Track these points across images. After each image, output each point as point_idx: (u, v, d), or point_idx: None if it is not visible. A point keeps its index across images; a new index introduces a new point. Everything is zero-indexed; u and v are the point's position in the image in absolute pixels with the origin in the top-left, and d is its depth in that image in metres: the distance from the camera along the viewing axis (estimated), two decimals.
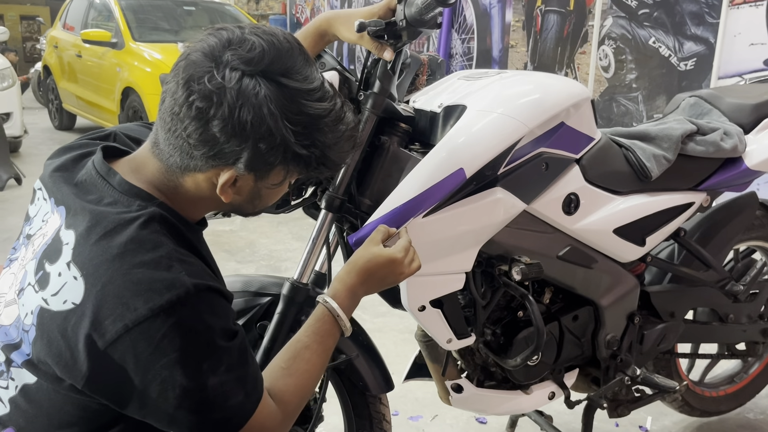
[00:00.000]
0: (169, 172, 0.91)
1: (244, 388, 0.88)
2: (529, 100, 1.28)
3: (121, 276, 0.82)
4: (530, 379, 1.50)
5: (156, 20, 6.22)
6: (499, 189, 1.25)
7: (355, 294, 1.07)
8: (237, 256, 3.61)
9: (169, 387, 0.82)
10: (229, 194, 0.91)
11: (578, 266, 1.44)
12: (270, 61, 0.85)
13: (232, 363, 0.87)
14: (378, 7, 1.24)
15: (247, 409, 0.89)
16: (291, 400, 0.96)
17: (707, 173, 1.59)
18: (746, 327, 1.84)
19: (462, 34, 5.93)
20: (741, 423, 2.12)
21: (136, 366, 0.82)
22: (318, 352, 1.00)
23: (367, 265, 1.07)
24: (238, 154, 0.86)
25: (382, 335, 2.60)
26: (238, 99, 0.83)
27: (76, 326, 0.82)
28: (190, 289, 0.83)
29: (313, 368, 0.99)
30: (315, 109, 0.87)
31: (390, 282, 1.10)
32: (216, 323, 0.86)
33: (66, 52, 6.79)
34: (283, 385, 0.96)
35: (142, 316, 0.80)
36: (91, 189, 0.90)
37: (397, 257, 1.08)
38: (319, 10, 8.27)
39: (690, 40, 4.12)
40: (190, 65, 0.85)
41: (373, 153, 1.28)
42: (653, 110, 4.41)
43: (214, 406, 0.86)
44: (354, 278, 1.07)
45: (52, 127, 7.61)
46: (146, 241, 0.85)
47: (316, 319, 1.03)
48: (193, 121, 0.84)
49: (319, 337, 1.01)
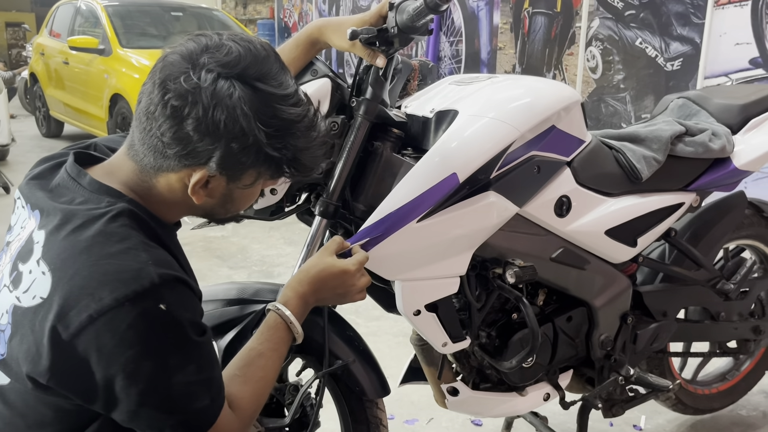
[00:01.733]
0: (143, 172, 0.92)
1: (209, 392, 0.88)
2: (520, 105, 1.29)
3: (87, 268, 0.82)
4: (525, 381, 1.51)
5: (144, 26, 6.20)
6: (492, 193, 1.26)
7: (306, 302, 1.08)
8: (229, 261, 3.60)
9: (133, 382, 0.82)
10: (200, 195, 0.92)
11: (571, 268, 1.45)
12: (246, 66, 0.87)
13: (201, 364, 0.87)
14: (369, 14, 1.24)
15: (210, 414, 0.89)
16: (247, 407, 0.97)
17: (696, 174, 1.61)
18: (737, 325, 1.86)
19: (450, 36, 5.95)
20: (734, 420, 2.14)
21: (100, 358, 0.81)
22: (272, 359, 1.02)
23: (319, 275, 1.09)
24: (210, 153, 0.87)
25: (377, 339, 2.60)
26: (213, 99, 0.84)
27: (43, 320, 0.82)
28: (155, 279, 0.83)
29: (267, 374, 1.01)
30: (288, 114, 0.89)
31: (340, 294, 1.11)
32: (183, 316, 0.85)
33: (53, 59, 6.76)
34: (239, 392, 0.97)
35: (106, 306, 0.80)
36: (64, 192, 0.91)
37: (349, 269, 1.09)
38: (307, 15, 8.27)
39: (676, 40, 4.16)
40: (167, 66, 0.87)
41: (366, 159, 1.28)
42: (641, 110, 4.45)
43: (178, 406, 0.85)
44: (305, 287, 1.08)
45: (40, 134, 7.56)
46: (114, 233, 0.85)
47: (269, 327, 1.04)
48: (168, 119, 0.85)
49: (273, 344, 1.02)
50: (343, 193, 1.26)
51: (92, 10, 6.26)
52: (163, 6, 6.71)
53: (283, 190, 1.28)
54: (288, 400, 1.35)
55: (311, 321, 1.29)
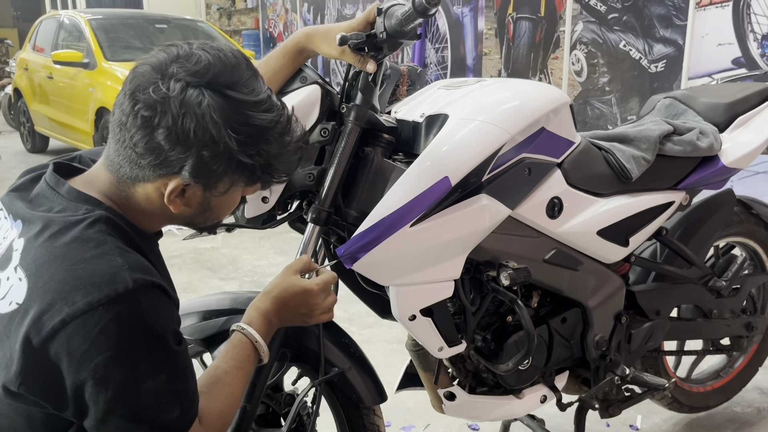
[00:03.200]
0: (121, 182, 0.92)
1: (181, 404, 0.88)
2: (509, 107, 1.30)
3: (62, 272, 0.82)
4: (522, 384, 1.51)
5: (128, 39, 6.17)
6: (484, 196, 1.26)
7: (269, 321, 1.08)
8: (220, 273, 3.58)
9: (102, 388, 0.81)
10: (177, 204, 0.92)
11: (564, 269, 1.46)
12: (215, 74, 0.87)
13: (174, 374, 0.86)
14: (356, 21, 1.24)
15: (179, 427, 0.88)
16: (215, 422, 0.97)
17: (685, 172, 1.62)
18: (730, 322, 1.87)
19: (436, 43, 5.98)
20: (729, 417, 2.15)
21: (70, 363, 0.80)
22: (238, 377, 1.02)
23: (282, 294, 1.08)
24: (182, 161, 0.87)
25: (371, 346, 2.59)
26: (182, 108, 0.85)
27: (18, 325, 0.82)
28: (129, 284, 0.82)
29: (234, 391, 1.01)
30: (260, 120, 0.89)
31: (303, 313, 1.10)
32: (157, 322, 0.85)
33: (37, 74, 6.71)
34: (206, 407, 0.96)
35: (79, 310, 0.80)
36: (43, 201, 0.92)
37: (312, 289, 1.09)
38: (292, 25, 8.28)
39: (659, 42, 4.20)
40: (137, 77, 0.88)
41: (357, 164, 1.28)
42: (627, 112, 4.48)
43: (145, 416, 0.84)
44: (268, 305, 1.08)
45: (25, 150, 7.50)
46: (90, 239, 0.85)
47: (233, 345, 1.04)
48: (139, 129, 0.86)
49: (238, 362, 1.02)
50: (335, 200, 1.25)
51: (76, 24, 6.23)
52: (148, 18, 6.70)
53: (275, 199, 1.28)
54: (284, 410, 1.34)
55: (306, 329, 1.29)
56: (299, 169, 1.26)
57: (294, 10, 8.18)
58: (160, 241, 1.05)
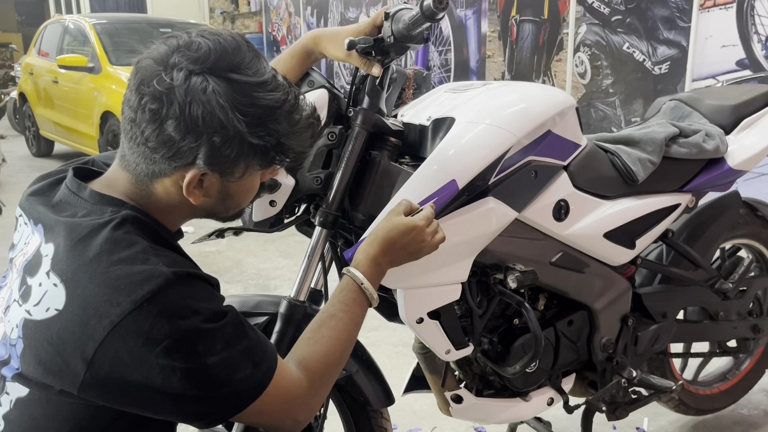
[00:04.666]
0: (139, 181, 0.93)
1: (251, 360, 0.88)
2: (515, 110, 1.30)
3: (99, 275, 0.83)
4: (529, 386, 1.51)
5: (132, 43, 6.19)
6: (490, 198, 1.27)
7: (378, 264, 1.08)
8: (225, 276, 3.58)
9: (170, 373, 0.82)
10: (197, 196, 0.92)
11: (571, 271, 1.46)
12: (216, 59, 0.87)
13: (229, 340, 0.87)
14: (363, 24, 1.25)
15: (257, 379, 0.89)
16: (317, 367, 0.97)
17: (691, 174, 1.62)
18: (736, 324, 1.87)
19: (439, 46, 5.99)
20: (736, 419, 2.15)
21: (132, 360, 0.81)
22: (344, 321, 1.02)
23: (388, 235, 1.09)
24: (195, 150, 0.87)
25: (376, 349, 2.59)
26: (187, 96, 0.85)
27: (62, 332, 0.83)
28: (169, 277, 0.84)
29: (339, 335, 1.01)
30: (267, 100, 0.89)
31: (412, 251, 1.10)
32: (201, 307, 0.86)
33: (42, 78, 6.74)
34: (307, 353, 0.97)
35: (126, 309, 0.81)
36: (66, 207, 0.92)
37: (418, 224, 1.09)
38: (296, 28, 8.30)
39: (663, 44, 4.20)
40: (140, 71, 0.88)
41: (364, 168, 1.28)
42: (630, 114, 4.48)
43: (220, 381, 0.85)
44: (376, 248, 1.08)
45: (30, 154, 7.52)
46: (121, 240, 0.86)
47: (341, 289, 1.05)
48: (149, 124, 0.86)
49: (344, 305, 1.03)
50: (343, 203, 1.26)
51: (80, 28, 6.25)
52: (152, 23, 6.72)
53: (283, 202, 1.28)
54: None
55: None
56: (307, 173, 1.26)
57: (297, 14, 8.20)
58: None
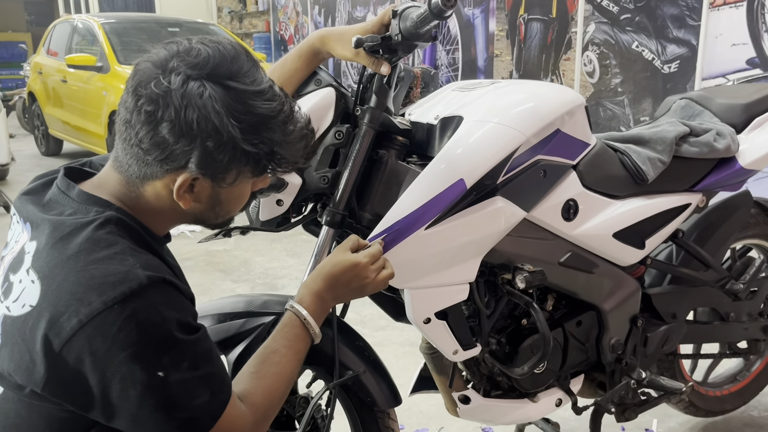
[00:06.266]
0: (130, 183, 0.93)
1: (209, 387, 0.88)
2: (524, 109, 1.29)
3: (75, 273, 0.83)
4: (537, 387, 1.50)
5: (140, 42, 6.20)
6: (499, 198, 1.26)
7: (322, 299, 1.09)
8: (232, 275, 3.59)
9: (130, 384, 0.82)
10: (187, 200, 0.93)
11: (580, 272, 1.45)
12: (215, 65, 0.88)
13: (196, 360, 0.87)
14: (371, 23, 1.24)
15: (213, 409, 0.88)
16: (261, 402, 0.97)
17: (702, 174, 1.61)
18: (747, 325, 1.85)
19: (446, 45, 5.97)
20: (746, 421, 2.13)
21: (94, 364, 0.81)
22: (287, 356, 1.02)
23: (332, 271, 1.09)
24: (188, 154, 0.88)
25: (383, 349, 2.57)
26: (183, 100, 0.86)
27: (33, 327, 0.83)
28: (143, 281, 0.83)
29: (282, 371, 1.01)
30: (263, 109, 0.90)
31: (356, 287, 1.11)
32: (173, 316, 0.85)
33: (51, 77, 6.77)
34: (252, 387, 0.97)
35: (96, 309, 0.81)
36: (54, 205, 0.93)
37: (361, 261, 1.10)
38: (303, 27, 8.31)
39: (672, 42, 4.18)
40: (138, 74, 0.89)
41: (371, 167, 1.28)
42: (639, 113, 4.46)
43: (178, 404, 0.85)
44: (320, 284, 1.09)
45: (39, 153, 7.56)
46: (101, 240, 0.86)
47: (283, 324, 1.05)
48: (144, 125, 0.87)
49: (287, 341, 1.03)
50: (350, 202, 1.25)
51: (89, 28, 6.28)
52: (160, 22, 6.74)
53: (289, 202, 1.28)
54: (299, 413, 1.34)
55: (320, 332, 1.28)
56: (314, 172, 1.26)
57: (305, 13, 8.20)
58: (174, 244, 1.05)
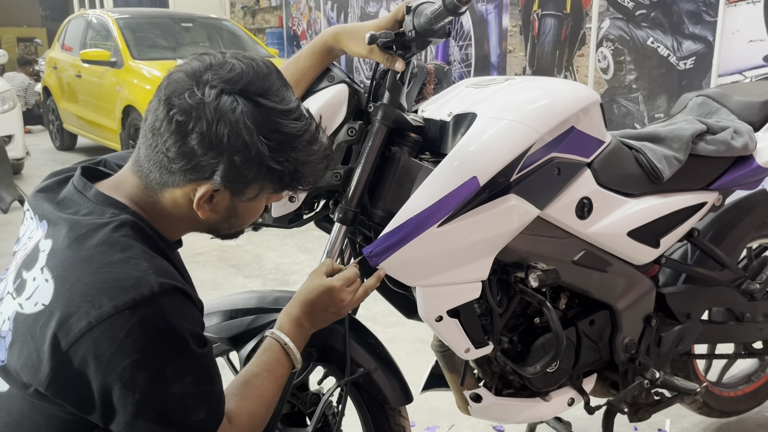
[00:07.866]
0: (148, 188, 0.94)
1: (207, 405, 0.88)
2: (538, 106, 1.28)
3: (89, 275, 0.83)
4: (549, 386, 1.49)
5: (154, 38, 6.24)
6: (512, 196, 1.25)
7: (301, 325, 1.09)
8: (244, 270, 3.60)
9: (130, 392, 0.82)
10: (205, 210, 0.93)
11: (593, 270, 1.43)
12: (248, 82, 0.89)
13: (199, 376, 0.87)
14: (384, 19, 1.23)
15: (207, 427, 0.89)
16: (246, 423, 0.97)
17: (718, 172, 1.59)
18: (763, 325, 1.83)
19: (459, 41, 5.94)
20: (760, 422, 2.10)
21: (97, 367, 0.81)
22: (269, 380, 1.02)
23: (307, 297, 1.10)
24: (214, 167, 0.88)
25: (394, 345, 2.58)
26: (216, 114, 0.86)
27: (44, 326, 0.83)
28: (155, 288, 0.83)
29: (264, 394, 1.01)
30: (290, 128, 0.91)
31: (333, 312, 1.12)
32: (182, 325, 0.86)
33: (65, 72, 6.81)
34: (237, 408, 0.97)
35: (106, 313, 0.81)
36: (69, 204, 0.93)
37: (334, 285, 1.10)
38: (316, 23, 8.30)
39: (688, 39, 4.13)
40: (171, 83, 0.90)
41: (384, 164, 1.27)
42: (654, 110, 4.41)
43: (173, 419, 0.85)
44: (298, 310, 1.10)
45: (54, 148, 7.63)
46: (116, 242, 0.86)
47: (264, 349, 1.06)
48: (173, 135, 0.87)
49: (269, 365, 1.04)
50: (362, 199, 1.25)
51: (103, 23, 6.31)
52: (173, 17, 6.76)
53: (302, 198, 1.27)
54: (310, 409, 1.34)
55: (332, 329, 1.28)
56: None
57: (318, 8, 8.19)
58: (187, 238, 1.05)
